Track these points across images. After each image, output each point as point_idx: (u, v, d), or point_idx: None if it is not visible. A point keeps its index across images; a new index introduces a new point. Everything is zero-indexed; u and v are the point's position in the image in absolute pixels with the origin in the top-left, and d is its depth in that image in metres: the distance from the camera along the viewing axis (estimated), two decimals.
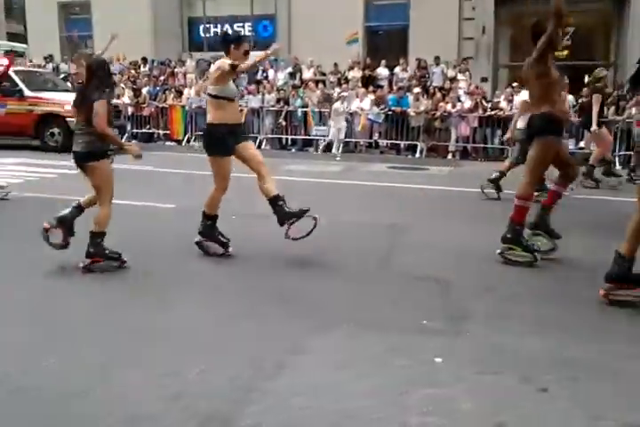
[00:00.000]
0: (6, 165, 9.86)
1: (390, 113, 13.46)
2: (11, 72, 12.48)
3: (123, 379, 2.86)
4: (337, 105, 13.37)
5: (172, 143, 14.13)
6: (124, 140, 13.78)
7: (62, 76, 16.50)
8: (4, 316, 3.63)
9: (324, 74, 15.79)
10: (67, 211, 4.70)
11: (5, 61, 13.03)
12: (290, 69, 16.16)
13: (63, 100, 12.22)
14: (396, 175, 10.24)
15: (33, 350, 3.17)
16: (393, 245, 5.45)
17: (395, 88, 14.67)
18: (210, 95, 4.76)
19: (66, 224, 4.66)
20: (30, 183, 8.21)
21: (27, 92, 12.20)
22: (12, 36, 32.43)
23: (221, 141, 4.75)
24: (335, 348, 3.27)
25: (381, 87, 14.70)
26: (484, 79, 15.60)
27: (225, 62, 4.65)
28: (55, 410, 2.59)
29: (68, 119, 11.82)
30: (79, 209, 4.73)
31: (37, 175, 8.82)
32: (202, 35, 19.86)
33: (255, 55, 4.82)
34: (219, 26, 19.68)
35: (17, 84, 12.25)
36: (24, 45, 17.76)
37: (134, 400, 2.66)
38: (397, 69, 15.83)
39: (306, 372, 2.97)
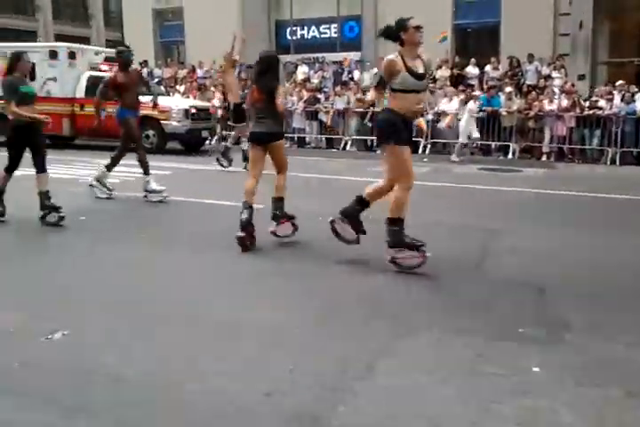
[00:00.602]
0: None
1: (481, 113, 13.13)
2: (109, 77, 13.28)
3: (213, 373, 2.95)
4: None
5: None
6: (213, 141, 14.36)
7: (156, 80, 17.31)
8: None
9: None
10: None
11: (106, 67, 13.88)
12: (376, 70, 16.13)
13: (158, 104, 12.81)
14: (487, 177, 9.99)
15: (124, 340, 3.34)
16: (486, 248, 5.31)
17: (485, 87, 14.31)
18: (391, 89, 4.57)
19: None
20: (128, 183, 8.65)
21: None
22: (111, 44, 34.53)
23: (397, 128, 4.47)
24: (424, 352, 3.23)
25: (471, 86, 14.38)
26: (581, 77, 14.91)
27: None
28: (151, 399, 2.71)
29: (162, 122, 12.41)
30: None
31: (133, 175, 9.27)
32: (289, 37, 20.22)
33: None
34: (305, 28, 19.98)
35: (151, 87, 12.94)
36: None
37: (224, 394, 2.74)
38: (488, 68, 15.44)
39: (395, 375, 2.95)
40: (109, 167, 7.82)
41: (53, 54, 13.54)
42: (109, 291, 4.16)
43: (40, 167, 6.24)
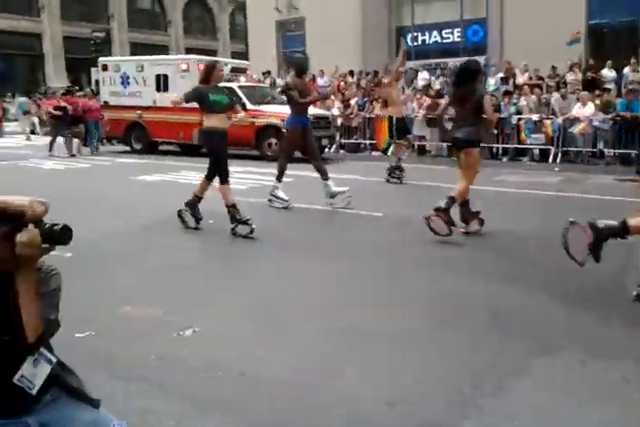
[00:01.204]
0: (231, 173, 10.95)
1: (618, 119, 12.32)
2: (235, 87, 13.96)
3: (343, 376, 3.01)
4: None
5: (378, 153, 14.52)
6: (332, 150, 14.63)
7: (279, 89, 17.91)
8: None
9: (540, 78, 15.02)
10: (443, 202, 5.57)
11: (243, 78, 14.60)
12: (501, 74, 15.66)
13: (281, 113, 13.28)
14: (626, 189, 9.33)
15: (257, 340, 3.49)
16: (626, 265, 4.97)
17: (623, 91, 13.41)
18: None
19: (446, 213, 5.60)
20: (254, 190, 9.03)
21: (249, 106, 13.45)
22: (235, 55, 36.29)
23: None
24: (560, 372, 3.09)
25: (608, 90, 13.53)
26: None
27: None
28: (280, 397, 2.81)
29: (284, 130, 12.82)
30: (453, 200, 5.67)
31: (259, 182, 9.68)
32: (410, 44, 20.18)
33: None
34: (427, 33, 19.84)
35: (241, 98, 13.57)
36: (247, 62, 19.68)
37: (352, 399, 2.79)
38: (626, 70, 14.47)
39: (527, 394, 2.85)
40: (279, 178, 7.76)
41: (185, 66, 14.46)
42: (250, 293, 4.38)
43: (224, 178, 6.34)
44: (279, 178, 7.72)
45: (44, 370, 1.74)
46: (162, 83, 14.59)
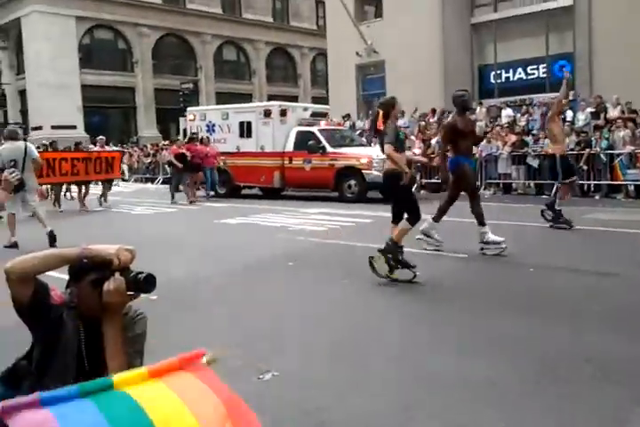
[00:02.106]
0: (310, 214, 11.18)
1: None
2: (316, 131, 14.34)
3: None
4: None
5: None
6: (413, 190, 14.55)
7: (358, 132, 18.21)
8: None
9: (633, 111, 14.44)
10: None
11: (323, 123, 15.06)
12: (591, 109, 15.20)
13: (359, 154, 13.46)
14: None
15: (339, 385, 3.44)
16: None
17: None
18: None
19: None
20: (331, 231, 9.10)
21: (328, 149, 13.74)
22: (315, 100, 37.38)
23: None
24: None
25: None
26: None
27: None
28: None
29: (363, 171, 12.96)
30: None
31: (337, 224, 9.76)
32: (492, 81, 20.07)
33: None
34: (510, 70, 19.69)
35: (321, 142, 13.90)
36: (327, 106, 20.20)
37: None
38: None
39: None
40: (437, 218, 7.34)
41: (267, 113, 15.04)
42: (326, 332, 4.37)
43: (397, 216, 6.05)
44: (437, 219, 7.33)
45: None
46: (245, 129, 15.21)
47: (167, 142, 21.73)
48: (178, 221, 11.62)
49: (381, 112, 5.95)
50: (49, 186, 13.89)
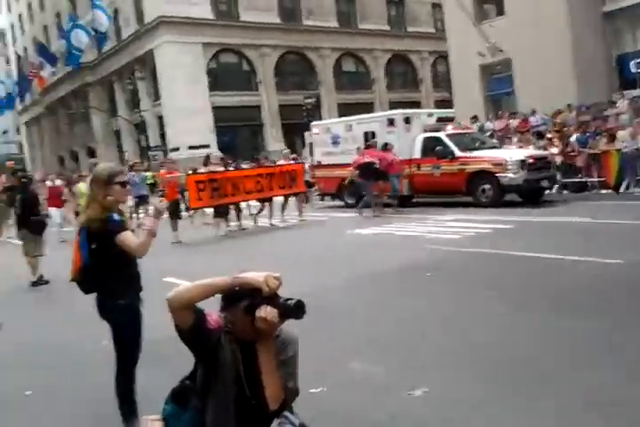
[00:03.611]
0: (444, 221, 10.90)
1: None
2: (443, 136, 14.03)
3: None
4: None
5: (607, 191, 13.34)
6: (554, 191, 13.69)
7: (488, 133, 17.60)
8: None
9: None
10: None
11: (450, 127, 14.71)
12: None
13: (492, 157, 12.97)
14: None
15: (491, 405, 3.26)
16: None
17: None
18: None
19: None
20: (468, 239, 8.80)
21: (457, 153, 13.37)
22: (438, 103, 36.79)
23: None
24: None
25: None
26: None
27: None
28: None
29: (497, 175, 12.46)
30: None
31: (473, 231, 9.42)
32: (633, 71, 18.59)
33: None
34: None
35: (448, 147, 13.56)
36: (451, 110, 19.71)
37: None
38: None
39: None
40: None
41: (391, 122, 14.95)
42: (471, 348, 4.20)
43: None
44: None
45: None
46: (369, 139, 15.22)
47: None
48: (309, 232, 11.80)
49: None
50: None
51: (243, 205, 13.29)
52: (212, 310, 2.12)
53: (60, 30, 34.73)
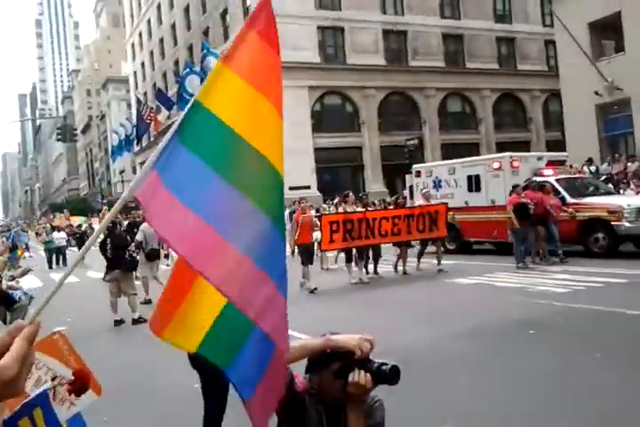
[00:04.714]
0: (552, 272, 10.45)
1: None
2: (552, 181, 13.55)
3: None
4: None
5: None
6: None
7: (603, 177, 16.82)
8: None
9: None
10: None
11: (550, 171, 14.27)
12: None
13: (606, 204, 12.37)
14: None
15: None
16: None
17: None
18: None
19: None
20: (578, 293, 8.37)
21: (568, 199, 12.85)
22: (550, 144, 35.67)
23: None
24: None
25: None
26: None
27: None
28: None
29: (612, 223, 11.84)
30: None
31: (583, 284, 8.96)
32: None
33: None
34: None
35: (559, 192, 13.08)
36: (564, 153, 18.93)
37: None
38: None
39: None
40: None
41: (497, 165, 14.66)
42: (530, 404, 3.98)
43: None
44: None
45: None
46: (473, 183, 15.00)
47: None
48: (405, 280, 11.62)
49: None
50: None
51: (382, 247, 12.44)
52: (296, 371, 2.17)
53: (176, 76, 37.32)
